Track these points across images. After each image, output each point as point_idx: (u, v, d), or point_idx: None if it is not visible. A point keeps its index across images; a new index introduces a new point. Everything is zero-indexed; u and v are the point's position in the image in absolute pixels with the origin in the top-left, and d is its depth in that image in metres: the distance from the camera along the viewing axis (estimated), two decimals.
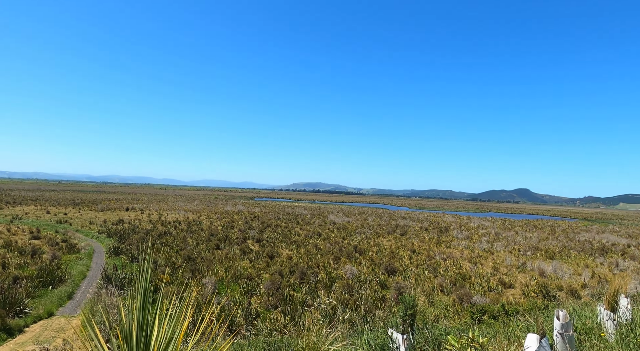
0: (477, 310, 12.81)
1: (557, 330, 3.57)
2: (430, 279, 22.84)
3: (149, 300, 2.21)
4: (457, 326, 8.59)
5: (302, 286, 19.70)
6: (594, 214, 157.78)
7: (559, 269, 26.81)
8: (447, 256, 30.74)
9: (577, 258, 32.84)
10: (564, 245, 39.78)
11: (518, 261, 29.83)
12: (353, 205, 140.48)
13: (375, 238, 40.83)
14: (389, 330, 2.82)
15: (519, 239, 43.94)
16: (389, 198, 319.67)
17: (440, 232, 48.38)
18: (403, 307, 2.68)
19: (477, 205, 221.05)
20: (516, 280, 23.72)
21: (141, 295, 2.19)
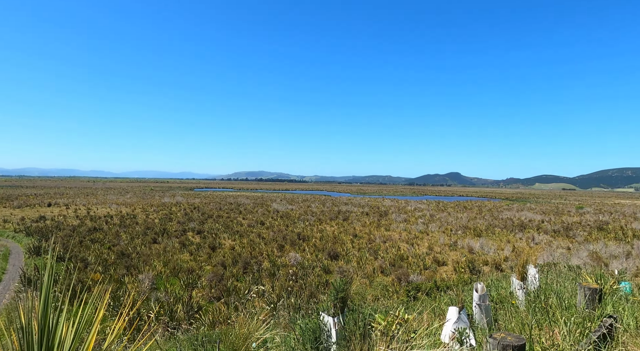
0: (413, 288, 13.66)
1: (476, 301, 3.95)
2: (371, 261, 23.76)
3: (50, 301, 2.00)
4: (394, 304, 9.09)
5: (245, 276, 19.56)
6: (514, 194, 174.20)
7: (485, 245, 29.29)
8: (386, 239, 32.16)
9: (501, 234, 36.01)
10: (490, 223, 43.36)
11: (450, 240, 32.00)
12: (296, 192, 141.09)
13: (318, 224, 41.49)
14: (321, 314, 2.90)
15: (451, 220, 47.13)
16: (332, 185, 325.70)
17: (380, 216, 50.32)
18: (334, 291, 2.77)
19: (413, 189, 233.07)
20: (448, 258, 25.48)
21: (44, 296, 1.97)
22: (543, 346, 2.83)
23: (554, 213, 58.57)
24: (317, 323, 2.71)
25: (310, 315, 3.85)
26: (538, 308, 4.10)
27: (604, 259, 23.37)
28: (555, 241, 32.27)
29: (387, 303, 12.62)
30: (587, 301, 3.91)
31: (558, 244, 30.68)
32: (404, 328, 2.38)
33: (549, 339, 2.96)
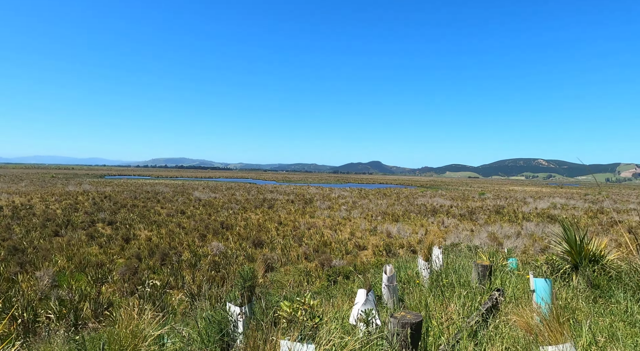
0: (333, 272, 14.16)
1: (385, 282, 4.21)
2: (295, 248, 24.07)
3: None
4: (315, 289, 9.31)
5: (163, 268, 18.59)
6: (428, 182, 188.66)
7: (402, 230, 31.33)
8: (311, 225, 32.76)
9: (416, 219, 38.75)
10: (406, 209, 46.39)
11: (371, 225, 33.62)
12: (220, 180, 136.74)
13: (242, 212, 40.81)
14: (227, 304, 2.83)
15: (372, 206, 49.50)
16: (257, 173, 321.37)
17: (305, 204, 51.05)
18: (241, 280, 2.72)
19: (338, 177, 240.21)
20: (369, 242, 26.80)
21: None
22: (439, 321, 3.10)
23: (461, 199, 64.50)
24: (223, 314, 2.64)
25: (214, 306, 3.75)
26: (439, 285, 4.49)
27: (499, 239, 26.43)
28: (462, 224, 35.63)
29: (311, 288, 12.92)
30: (479, 277, 4.37)
31: (464, 227, 33.94)
32: (309, 313, 2.43)
33: (446, 314, 3.25)
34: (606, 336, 3.57)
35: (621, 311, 4.44)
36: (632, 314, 4.34)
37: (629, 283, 5.12)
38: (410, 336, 2.26)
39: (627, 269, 5.35)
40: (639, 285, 5.00)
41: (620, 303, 4.67)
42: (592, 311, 4.31)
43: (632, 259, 5.41)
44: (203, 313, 2.88)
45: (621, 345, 3.32)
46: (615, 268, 5.53)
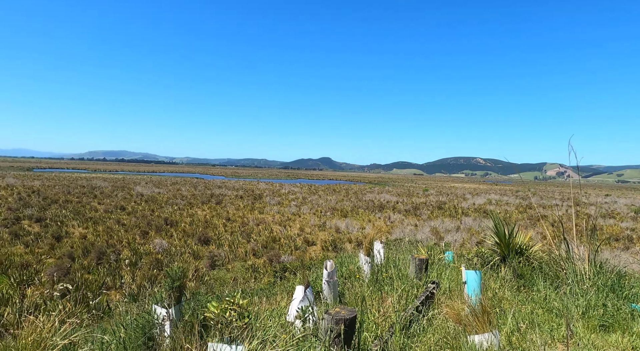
0: (280, 268, 14.10)
1: (325, 278, 4.24)
2: (243, 244, 23.67)
3: None
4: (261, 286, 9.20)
5: (100, 267, 17.44)
6: (376, 178, 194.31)
7: (350, 225, 31.94)
8: (260, 221, 32.38)
9: (364, 214, 39.67)
10: (355, 205, 47.35)
11: (320, 221, 33.91)
12: (165, 175, 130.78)
13: (188, 208, 39.40)
14: (153, 306, 2.67)
15: (322, 202, 49.95)
16: (205, 168, 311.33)
17: (254, 199, 50.37)
18: (169, 280, 2.59)
19: (288, 173, 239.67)
20: (318, 238, 27.01)
21: None
22: (376, 315, 3.17)
23: (407, 195, 67.06)
24: (147, 317, 2.47)
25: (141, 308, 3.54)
26: (379, 280, 4.61)
27: (441, 233, 27.84)
28: (407, 219, 37.06)
29: (258, 285, 12.75)
30: (417, 270, 4.54)
31: (408, 222, 35.31)
32: (238, 313, 2.36)
33: (383, 308, 3.33)
34: (527, 323, 3.88)
35: (541, 299, 4.85)
36: (549, 301, 4.75)
37: (548, 272, 5.61)
38: (343, 333, 2.28)
39: (548, 260, 5.87)
40: (557, 274, 5.49)
41: (541, 291, 5.10)
42: (516, 300, 4.66)
43: (552, 251, 5.93)
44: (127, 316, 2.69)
45: (539, 330, 3.62)
46: (538, 259, 6.04)
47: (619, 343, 3.68)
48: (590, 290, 4.83)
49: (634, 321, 4.17)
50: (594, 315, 4.25)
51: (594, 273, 5.20)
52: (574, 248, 5.75)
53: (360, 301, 3.63)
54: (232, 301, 2.37)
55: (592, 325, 4.09)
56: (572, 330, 3.88)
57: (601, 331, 4.02)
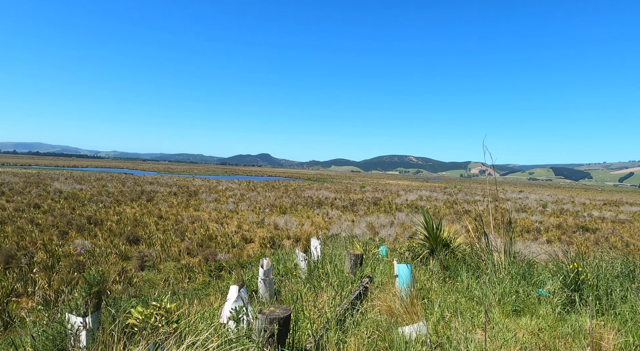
0: (215, 267, 13.71)
1: (261, 276, 4.20)
2: (177, 243, 22.64)
3: None
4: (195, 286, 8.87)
5: (8, 272, 15.63)
6: (315, 175, 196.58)
7: (289, 221, 31.94)
8: (195, 219, 31.17)
9: (302, 211, 39.90)
10: (294, 201, 47.45)
11: (258, 218, 33.49)
12: (88, 170, 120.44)
13: (116, 206, 36.73)
14: (67, 314, 2.41)
15: (260, 198, 49.35)
16: (135, 163, 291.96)
17: (189, 196, 48.39)
18: (85, 285, 2.36)
19: (226, 169, 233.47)
20: (256, 235, 26.66)
21: None
22: (311, 312, 3.20)
23: (344, 192, 68.66)
24: (59, 328, 2.22)
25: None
26: (317, 275, 4.66)
27: (376, 228, 28.91)
28: (344, 215, 37.93)
29: (191, 286, 12.27)
30: (352, 266, 4.66)
31: (346, 218, 36.18)
32: (165, 318, 2.24)
33: (319, 304, 3.37)
34: (452, 312, 4.17)
35: (464, 289, 5.25)
36: (471, 290, 5.16)
37: (471, 263, 6.09)
38: (277, 332, 2.26)
39: (470, 252, 6.37)
40: (478, 265, 5.98)
41: (464, 281, 5.52)
42: (442, 291, 5.00)
43: (474, 243, 6.45)
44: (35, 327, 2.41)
45: (462, 318, 3.92)
46: (462, 252, 6.53)
47: (528, 326, 4.10)
48: (506, 278, 5.33)
49: (540, 305, 4.68)
50: (508, 301, 4.69)
51: (509, 263, 5.75)
52: (492, 240, 6.29)
53: (297, 299, 3.64)
54: (159, 305, 2.23)
55: (507, 311, 4.52)
56: (489, 316, 4.26)
57: (514, 316, 4.46)
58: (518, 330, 3.95)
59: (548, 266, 5.87)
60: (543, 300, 4.81)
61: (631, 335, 3.56)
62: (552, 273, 5.44)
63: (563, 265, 5.16)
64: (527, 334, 3.88)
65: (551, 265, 5.79)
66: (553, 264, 5.63)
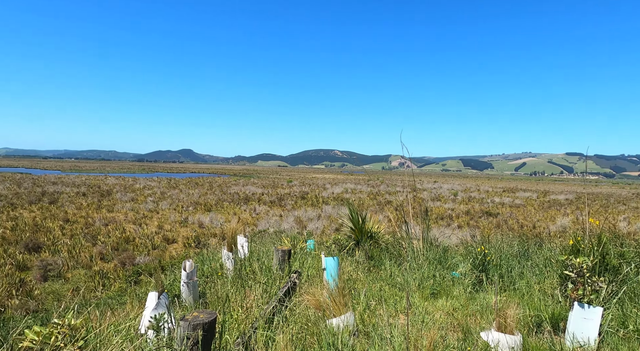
0: (133, 272, 12.76)
1: (184, 280, 3.98)
2: (88, 248, 20.66)
3: None
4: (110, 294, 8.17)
5: None
6: (241, 170, 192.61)
7: (214, 219, 30.87)
8: (109, 221, 28.68)
9: (229, 208, 38.85)
10: (220, 198, 45.98)
11: (181, 217, 31.89)
12: None
13: (10, 210, 32.31)
14: None
15: (183, 196, 46.98)
16: (33, 161, 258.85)
17: (101, 196, 44.35)
18: None
19: (143, 166, 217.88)
20: (179, 235, 25.36)
21: None
22: (239, 313, 3.11)
23: (272, 187, 68.29)
24: None
25: None
26: (244, 274, 4.54)
27: (304, 222, 29.23)
28: (272, 210, 37.73)
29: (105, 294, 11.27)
30: (279, 262, 4.62)
31: (274, 213, 36.01)
32: (70, 336, 1.99)
33: (246, 304, 3.28)
34: (377, 300, 4.38)
35: (387, 276, 5.54)
36: (394, 277, 5.47)
37: (393, 252, 6.44)
38: (202, 338, 2.14)
39: (392, 241, 6.73)
40: (399, 252, 6.35)
41: (387, 269, 5.82)
42: (368, 280, 5.22)
43: (395, 232, 6.83)
44: None
45: (385, 305, 4.12)
46: (385, 241, 6.87)
47: (444, 306, 4.46)
48: (424, 264, 5.74)
49: (454, 286, 5.13)
50: (426, 286, 5.06)
51: (427, 249, 6.19)
52: (411, 228, 6.70)
53: (223, 301, 3.51)
54: (61, 323, 1.95)
55: (426, 294, 4.87)
56: (411, 300, 4.54)
57: (432, 299, 4.82)
58: (436, 312, 4.28)
59: (460, 250, 6.43)
60: (456, 282, 5.27)
61: (527, 307, 4.07)
62: (463, 256, 5.98)
63: (472, 248, 5.69)
64: (444, 314, 4.22)
65: (462, 249, 6.36)
66: (464, 248, 6.18)
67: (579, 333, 3.37)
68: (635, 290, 4.27)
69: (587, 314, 3.36)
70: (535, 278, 4.97)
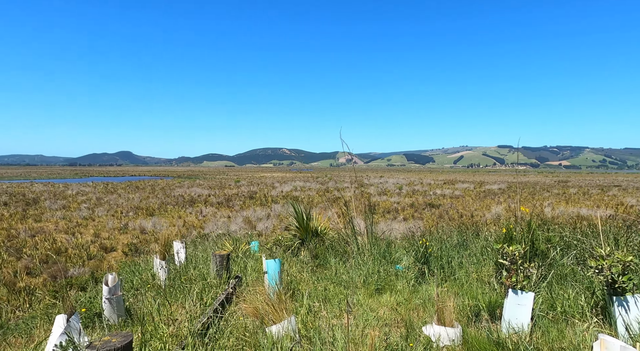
0: (61, 287, 11.68)
1: (105, 295, 3.58)
2: (11, 263, 18.74)
3: None
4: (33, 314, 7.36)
5: None
6: (186, 172, 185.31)
7: (157, 224, 29.33)
8: (37, 232, 26.21)
9: (173, 211, 37.16)
10: (162, 201, 43.84)
11: (121, 223, 30.00)
12: None
13: None
14: None
15: (122, 201, 44.20)
16: None
17: (27, 205, 40.46)
18: None
19: (76, 171, 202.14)
20: (118, 242, 23.82)
21: None
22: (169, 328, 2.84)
23: (219, 188, 66.43)
24: None
25: None
26: (177, 285, 4.22)
27: (253, 222, 28.67)
28: (219, 211, 36.62)
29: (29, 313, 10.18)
30: (217, 268, 4.35)
31: (221, 214, 34.97)
32: None
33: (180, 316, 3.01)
34: (321, 300, 4.27)
35: (333, 275, 5.46)
36: (339, 275, 5.41)
37: (339, 249, 6.39)
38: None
39: (337, 238, 6.69)
40: (345, 249, 6.31)
41: (332, 267, 5.75)
42: (312, 280, 5.10)
43: (340, 229, 6.80)
44: None
45: (330, 305, 4.03)
46: (331, 239, 6.81)
47: (388, 302, 4.47)
48: (369, 260, 5.74)
49: (398, 280, 5.17)
50: (371, 282, 5.05)
51: (371, 244, 6.21)
52: (357, 224, 6.70)
53: (152, 316, 3.18)
54: None
55: (370, 290, 4.85)
56: (356, 297, 4.50)
57: (377, 294, 4.81)
58: (380, 308, 4.26)
59: (403, 244, 6.53)
60: (400, 276, 5.32)
61: (467, 296, 4.18)
62: (406, 249, 6.07)
63: (414, 241, 5.79)
64: (388, 310, 4.21)
65: (405, 242, 6.46)
66: (407, 241, 6.29)
67: (513, 319, 3.50)
68: (561, 272, 4.56)
69: (520, 300, 3.50)
70: (473, 267, 5.15)
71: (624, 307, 3.35)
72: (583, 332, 3.31)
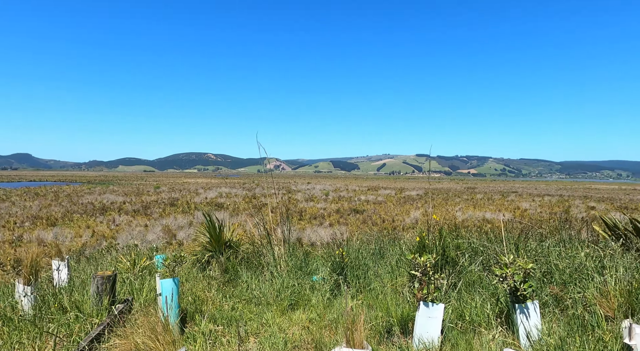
0: None
1: None
2: None
3: None
4: None
5: None
6: (97, 177, 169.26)
7: (60, 234, 26.09)
8: None
9: (80, 220, 33.43)
10: (68, 210, 39.32)
11: (13, 235, 26.18)
12: None
13: None
14: None
15: (16, 210, 38.77)
16: None
17: None
18: None
19: None
20: (7, 258, 20.63)
21: None
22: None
23: (135, 194, 61.55)
24: None
25: None
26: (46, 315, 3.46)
27: (173, 231, 26.78)
28: (135, 220, 33.73)
29: None
30: (98, 292, 3.68)
31: (137, 223, 32.21)
32: None
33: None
34: (225, 322, 3.81)
35: (244, 291, 5.02)
36: (251, 291, 4.98)
37: (254, 262, 5.97)
38: None
39: (252, 250, 6.25)
40: (260, 262, 5.90)
41: (244, 282, 5.30)
42: (219, 298, 4.61)
43: (255, 240, 6.38)
44: None
45: (234, 328, 3.60)
46: (245, 250, 6.34)
47: (300, 320, 4.15)
48: (284, 272, 5.41)
49: (313, 293, 4.89)
50: (284, 297, 4.70)
51: (288, 255, 5.88)
52: (274, 234, 6.32)
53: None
54: None
55: (283, 307, 4.51)
56: (265, 317, 4.12)
57: (289, 311, 4.48)
58: (291, 327, 3.93)
59: (322, 253, 6.30)
60: (316, 288, 5.05)
61: (380, 309, 4.04)
62: (324, 259, 5.84)
63: (332, 250, 5.59)
64: (299, 329, 3.90)
65: (323, 252, 6.24)
66: (324, 251, 6.08)
67: (425, 333, 3.42)
68: (470, 279, 4.67)
69: (431, 312, 3.43)
70: (389, 276, 5.09)
71: (524, 314, 3.46)
72: (489, 343, 3.34)
